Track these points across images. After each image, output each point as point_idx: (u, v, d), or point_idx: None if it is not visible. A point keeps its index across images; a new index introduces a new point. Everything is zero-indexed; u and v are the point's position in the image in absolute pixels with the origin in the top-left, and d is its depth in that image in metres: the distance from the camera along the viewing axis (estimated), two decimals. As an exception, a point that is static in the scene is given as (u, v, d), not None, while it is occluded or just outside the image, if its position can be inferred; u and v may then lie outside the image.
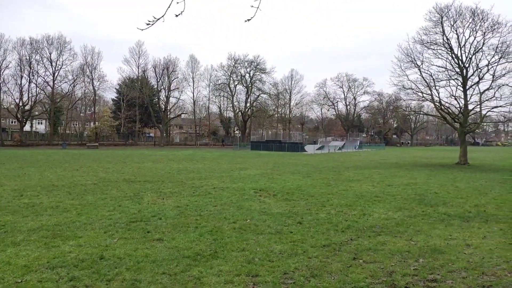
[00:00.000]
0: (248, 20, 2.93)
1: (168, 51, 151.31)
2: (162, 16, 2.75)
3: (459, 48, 24.13)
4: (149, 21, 2.73)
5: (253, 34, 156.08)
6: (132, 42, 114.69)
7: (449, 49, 24.32)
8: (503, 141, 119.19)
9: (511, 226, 7.01)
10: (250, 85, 66.26)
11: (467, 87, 24.23)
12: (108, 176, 15.45)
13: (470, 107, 24.58)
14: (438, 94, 24.99)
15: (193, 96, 70.33)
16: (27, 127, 60.58)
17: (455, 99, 24.72)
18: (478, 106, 24.61)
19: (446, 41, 24.23)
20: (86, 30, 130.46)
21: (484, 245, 5.57)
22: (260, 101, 68.41)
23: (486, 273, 4.33)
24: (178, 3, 2.71)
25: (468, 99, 24.39)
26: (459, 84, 24.40)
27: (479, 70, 23.84)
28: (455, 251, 5.25)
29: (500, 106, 23.80)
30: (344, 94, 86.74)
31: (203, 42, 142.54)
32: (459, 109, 24.96)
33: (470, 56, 23.92)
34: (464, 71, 24.12)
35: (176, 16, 2.76)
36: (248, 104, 67.39)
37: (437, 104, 24.90)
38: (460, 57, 24.19)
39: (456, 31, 23.99)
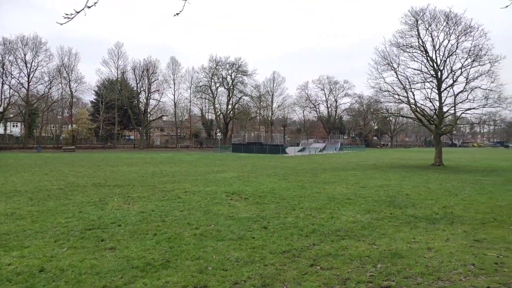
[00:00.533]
0: (177, 14, 2.72)
1: (148, 52, 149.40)
2: (82, 9, 2.51)
3: (434, 51, 24.58)
4: (67, 14, 2.48)
5: (235, 37, 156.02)
6: (111, 43, 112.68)
7: (424, 52, 24.73)
8: (479, 142, 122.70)
9: (475, 227, 7.02)
10: (231, 87, 65.96)
11: (442, 89, 24.67)
12: (77, 180, 14.93)
13: (445, 109, 25.03)
14: (414, 96, 25.39)
15: (174, 98, 69.62)
16: (0, 130, 58.51)
17: (430, 101, 25.15)
18: (453, 108, 25.11)
19: (422, 44, 24.64)
20: (63, 30, 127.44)
21: (446, 248, 5.51)
22: (242, 103, 68.21)
23: (441, 278, 4.23)
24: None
25: (443, 101, 24.83)
26: (434, 86, 24.83)
27: (453, 73, 24.33)
28: (416, 255, 5.16)
29: (474, 108, 24.31)
30: (325, 97, 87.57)
31: (185, 44, 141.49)
32: (434, 111, 25.40)
33: (445, 59, 24.38)
34: (439, 73, 24.56)
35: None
36: (229, 106, 67.05)
37: (413, 106, 25.27)
38: (435, 60, 24.62)
39: (431, 34, 24.43)
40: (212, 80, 65.89)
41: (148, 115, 66.34)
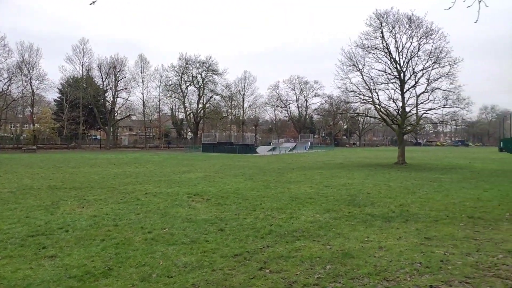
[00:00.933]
0: (93, 2, 2.52)
1: (116, 50, 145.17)
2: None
3: (397, 53, 25.33)
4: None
5: (206, 35, 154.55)
6: (75, 39, 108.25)
7: (388, 54, 25.42)
8: (442, 141, 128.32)
9: (428, 225, 7.19)
10: (202, 86, 65.23)
11: (405, 90, 25.46)
12: (32, 182, 14.14)
13: (408, 109, 25.88)
14: (378, 97, 26.05)
15: (143, 96, 67.93)
16: (-47, 130, 54.85)
17: (394, 101, 25.91)
18: (415, 109, 25.97)
19: (385, 46, 25.31)
20: (24, 25, 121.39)
21: (396, 247, 5.58)
22: (212, 102, 67.60)
23: (387, 278, 4.25)
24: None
25: (406, 101, 25.64)
26: (397, 87, 25.60)
27: (415, 74, 25.17)
28: (366, 255, 5.18)
29: (434, 109, 25.26)
30: (296, 96, 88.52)
31: (154, 42, 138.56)
32: (397, 111, 26.17)
33: (407, 61, 25.17)
34: (402, 75, 25.34)
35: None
36: (200, 106, 66.28)
37: (377, 106, 25.93)
38: (398, 62, 25.38)
39: (394, 36, 25.15)
40: (182, 79, 64.89)
41: (115, 114, 64.42)
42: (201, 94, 65.48)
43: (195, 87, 65.63)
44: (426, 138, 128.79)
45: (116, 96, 63.11)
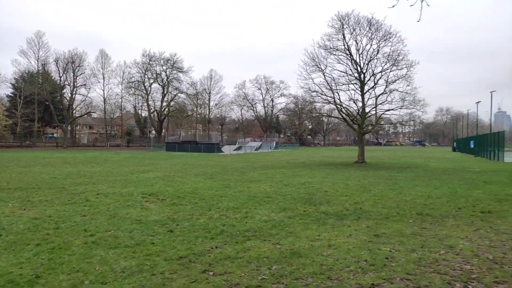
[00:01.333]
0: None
1: (75, 45, 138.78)
2: None
3: (358, 55, 25.98)
4: None
5: (170, 32, 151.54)
6: (30, 32, 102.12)
7: (349, 55, 26.01)
8: (401, 141, 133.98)
9: (378, 222, 7.31)
10: (166, 83, 63.79)
11: (365, 91, 26.18)
12: (-29, 183, 13.06)
13: (367, 109, 26.61)
14: (339, 97, 26.62)
15: (104, 93, 65.41)
16: None
17: (354, 102, 26.58)
18: (374, 109, 26.76)
19: (347, 47, 25.88)
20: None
21: (345, 245, 5.58)
22: (177, 100, 66.33)
23: (331, 277, 4.21)
24: None
25: (366, 102, 26.37)
26: (358, 88, 26.28)
27: (374, 76, 25.95)
28: (315, 254, 5.13)
29: (392, 109, 26.16)
30: (262, 96, 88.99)
31: (116, 37, 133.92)
32: (357, 111, 26.86)
33: (367, 63, 25.90)
34: (362, 76, 26.03)
35: None
36: (164, 103, 64.80)
37: (339, 106, 26.48)
38: (358, 63, 26.04)
39: (355, 38, 25.78)
40: (146, 76, 63.17)
41: (74, 111, 61.51)
42: (165, 92, 64.08)
43: (159, 84, 64.15)
44: (386, 138, 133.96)
45: (74, 93, 60.37)
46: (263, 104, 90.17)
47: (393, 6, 4.24)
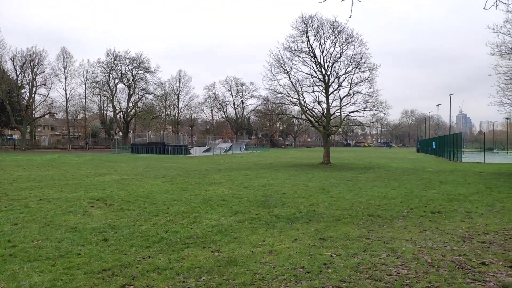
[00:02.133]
0: None
1: (34, 42, 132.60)
2: None
3: (322, 57, 26.17)
4: None
5: (137, 31, 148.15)
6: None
7: (313, 57, 26.17)
8: (369, 142, 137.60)
9: (328, 225, 7.15)
10: (132, 84, 62.00)
11: (329, 93, 26.42)
12: None
13: (332, 111, 26.85)
14: (304, 98, 26.72)
15: (66, 93, 62.67)
16: None
17: (319, 103, 26.76)
18: (338, 111, 27.05)
19: (311, 49, 26.02)
20: None
21: (288, 250, 5.34)
22: (144, 101, 64.64)
23: (261, 287, 3.93)
24: None
25: (330, 104, 26.62)
26: (322, 90, 26.46)
27: (338, 78, 26.23)
28: (252, 261, 4.85)
29: (356, 111, 26.55)
30: (232, 97, 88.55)
31: (79, 35, 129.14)
32: (322, 113, 27.07)
33: (331, 65, 26.15)
34: (326, 78, 26.25)
35: None
36: (131, 104, 62.96)
37: (304, 108, 26.57)
38: (323, 65, 26.24)
39: (319, 41, 25.96)
40: (111, 76, 61.09)
41: (33, 112, 58.52)
42: (131, 93, 62.24)
43: (124, 85, 62.22)
44: (355, 140, 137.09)
45: (34, 92, 57.42)
46: (234, 106, 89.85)
47: (324, 0, 4.06)
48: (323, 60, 26.06)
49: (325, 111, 26.58)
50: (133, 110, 62.69)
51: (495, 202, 10.07)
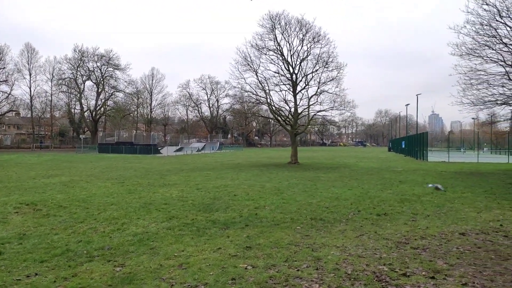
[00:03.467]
0: None
1: None
2: None
3: (289, 55, 25.80)
4: None
5: (106, 27, 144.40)
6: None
7: (281, 56, 25.76)
8: (344, 142, 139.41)
9: (263, 230, 6.64)
10: (101, 81, 59.96)
11: (297, 92, 26.10)
12: None
13: (299, 110, 26.55)
14: (271, 97, 26.28)
15: (30, 91, 59.92)
16: None
17: (286, 102, 26.40)
18: (306, 110, 26.78)
19: (278, 48, 25.61)
20: None
21: (201, 263, 4.78)
22: (114, 99, 62.65)
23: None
24: None
25: (298, 103, 26.31)
26: (290, 88, 26.11)
27: (305, 76, 25.94)
28: (153, 278, 4.26)
29: (324, 110, 26.38)
30: (207, 96, 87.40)
31: (45, 30, 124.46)
32: (289, 112, 26.73)
33: (299, 64, 25.82)
34: (294, 77, 25.91)
35: None
36: (99, 102, 60.89)
37: (272, 107, 26.14)
38: (290, 64, 25.87)
39: (287, 39, 25.58)
40: (78, 73, 58.84)
41: (-7, 110, 55.65)
42: (100, 90, 60.18)
43: (93, 82, 60.08)
44: (331, 139, 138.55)
45: (-6, 89, 54.51)
46: (208, 105, 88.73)
47: None
48: (291, 58, 25.73)
49: (293, 110, 26.25)
50: (102, 109, 60.63)
51: (446, 202, 9.89)
